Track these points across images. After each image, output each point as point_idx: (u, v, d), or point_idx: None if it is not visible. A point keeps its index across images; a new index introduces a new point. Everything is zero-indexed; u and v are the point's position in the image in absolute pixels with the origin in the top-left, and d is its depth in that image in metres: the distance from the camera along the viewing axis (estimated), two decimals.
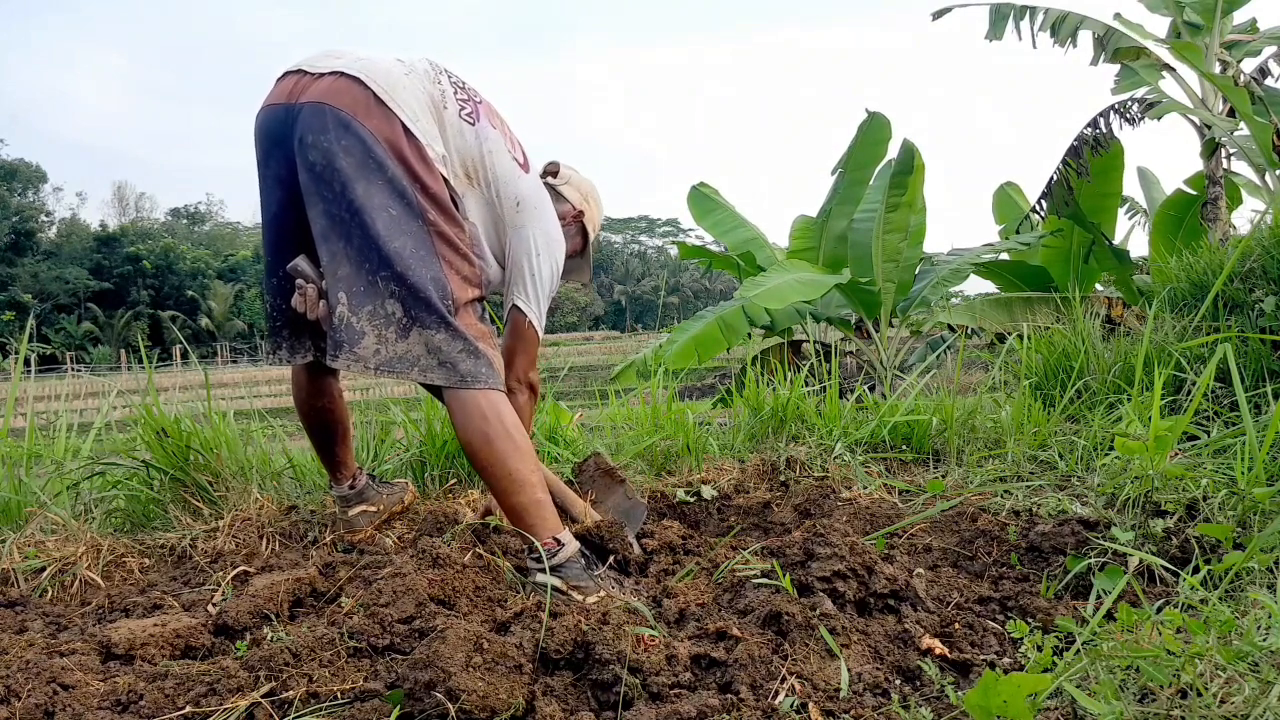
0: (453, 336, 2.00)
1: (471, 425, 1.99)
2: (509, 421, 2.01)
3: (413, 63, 2.13)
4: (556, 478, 2.42)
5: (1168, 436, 2.36)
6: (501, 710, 1.43)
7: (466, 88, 2.22)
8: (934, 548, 2.28)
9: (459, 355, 2.00)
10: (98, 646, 1.73)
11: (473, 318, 2.08)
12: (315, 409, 2.42)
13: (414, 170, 1.98)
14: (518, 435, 2.01)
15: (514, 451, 1.99)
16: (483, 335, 2.07)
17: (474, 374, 2.00)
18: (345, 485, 2.55)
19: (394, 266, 1.96)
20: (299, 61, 2.09)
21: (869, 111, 10.71)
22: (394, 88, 2.00)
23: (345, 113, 1.95)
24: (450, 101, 2.13)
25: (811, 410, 3.47)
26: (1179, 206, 9.85)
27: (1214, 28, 9.16)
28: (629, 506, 2.53)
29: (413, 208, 1.98)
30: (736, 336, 9.75)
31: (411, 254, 1.97)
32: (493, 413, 2.00)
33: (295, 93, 2.01)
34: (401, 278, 1.97)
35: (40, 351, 46.80)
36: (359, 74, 1.98)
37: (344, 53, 2.08)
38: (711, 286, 74.91)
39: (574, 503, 2.39)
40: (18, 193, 58.55)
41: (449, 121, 2.12)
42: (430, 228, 2.00)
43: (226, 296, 60.57)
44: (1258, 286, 3.39)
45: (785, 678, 1.54)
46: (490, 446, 1.98)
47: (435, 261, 2.00)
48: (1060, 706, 1.41)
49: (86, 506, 2.79)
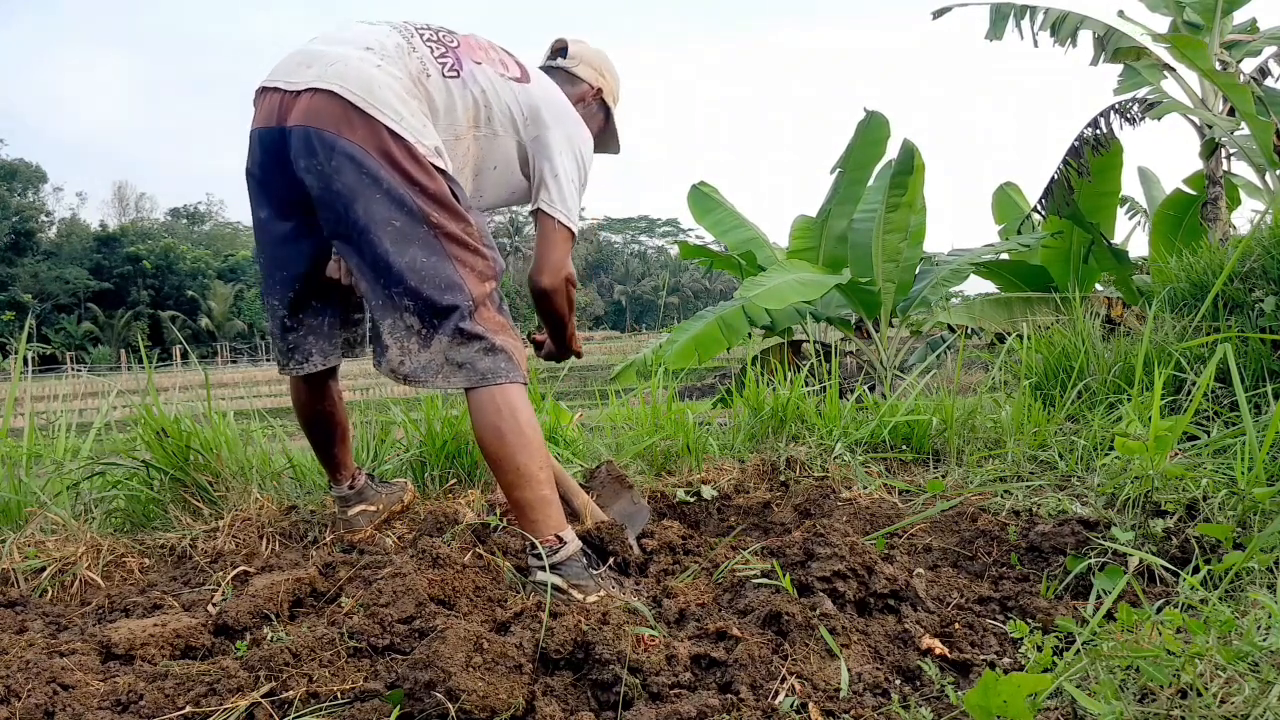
0: (470, 339, 2.00)
1: (485, 420, 2.00)
2: (523, 418, 2.01)
3: (383, 43, 2.07)
4: (565, 472, 2.41)
5: (1168, 436, 2.36)
6: (501, 710, 1.43)
7: (442, 37, 2.17)
8: (934, 548, 2.28)
9: (476, 355, 2.00)
10: (98, 646, 1.73)
11: (490, 311, 2.07)
12: (316, 411, 2.42)
13: (408, 173, 1.96)
14: (529, 431, 2.02)
15: (524, 447, 2.00)
16: (500, 328, 2.06)
17: (492, 370, 2.00)
18: (345, 485, 2.55)
19: (407, 281, 1.96)
20: (274, 74, 2.04)
21: (867, 111, 10.71)
22: (370, 89, 1.95)
23: (328, 133, 1.93)
24: (430, 65, 2.09)
25: (811, 410, 3.47)
26: (1179, 206, 9.85)
27: (1214, 28, 9.16)
28: (633, 511, 2.54)
29: (415, 214, 1.96)
30: (736, 336, 9.76)
31: (423, 264, 1.97)
32: (507, 408, 2.00)
33: (281, 115, 1.99)
34: (416, 291, 1.97)
35: (40, 351, 46.79)
36: (332, 87, 1.94)
37: (314, 58, 2.02)
38: (711, 286, 74.91)
39: (576, 494, 2.39)
40: (18, 193, 58.55)
41: (435, 90, 2.08)
42: (436, 230, 1.98)
43: (226, 296, 60.58)
44: (1258, 286, 3.39)
45: (785, 678, 1.54)
46: (501, 441, 1.99)
47: (447, 264, 1.99)
48: (1060, 706, 1.41)
49: (86, 506, 2.79)
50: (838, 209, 10.98)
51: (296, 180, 2.01)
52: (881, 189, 10.39)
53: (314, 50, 2.06)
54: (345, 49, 2.04)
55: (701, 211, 11.87)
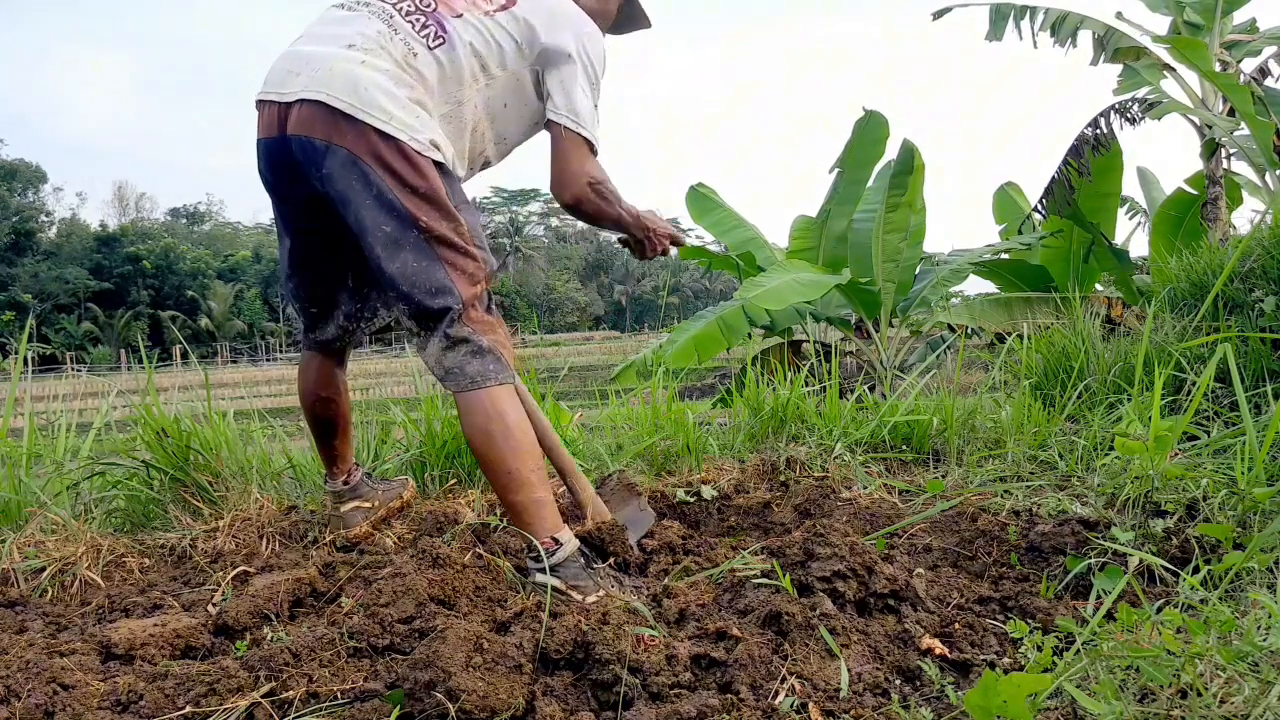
0: (457, 343, 2.01)
1: (474, 423, 2.00)
2: (511, 420, 2.01)
3: (364, 34, 2.05)
4: (574, 465, 2.39)
5: (1168, 436, 2.36)
6: (501, 710, 1.43)
7: (420, 4, 2.12)
8: (934, 548, 2.28)
9: (464, 359, 2.01)
10: (98, 646, 1.73)
11: (479, 312, 2.07)
12: (321, 399, 2.43)
13: (398, 174, 1.96)
14: (519, 434, 2.01)
15: (514, 451, 1.99)
16: (488, 328, 2.06)
17: (481, 374, 2.01)
18: (339, 480, 2.53)
19: (399, 287, 1.99)
20: (267, 85, 2.06)
21: (866, 110, 10.70)
22: (356, 92, 1.95)
23: (320, 141, 1.95)
24: (415, 43, 2.07)
25: (811, 410, 3.47)
26: (1179, 206, 9.86)
27: (1214, 28, 9.16)
28: (639, 517, 2.54)
29: (404, 218, 1.97)
30: (736, 336, 9.75)
31: (414, 269, 1.98)
32: (495, 411, 1.99)
33: (280, 124, 2.01)
34: (408, 296, 2.00)
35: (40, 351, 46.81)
36: (319, 96, 1.95)
37: (302, 63, 2.02)
38: (711, 286, 74.96)
39: (584, 488, 2.38)
40: (18, 193, 58.58)
41: (425, 67, 2.06)
42: (425, 234, 1.99)
43: (226, 296, 60.60)
44: (1258, 286, 3.39)
45: (785, 678, 1.54)
46: (491, 445, 1.99)
47: (437, 267, 2.00)
48: (1060, 706, 1.41)
49: (86, 506, 2.79)
50: (837, 209, 10.98)
51: (303, 181, 2.04)
52: (881, 189, 10.39)
53: (300, 54, 2.06)
54: (328, 49, 2.03)
55: (700, 212, 11.86)
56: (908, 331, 11.19)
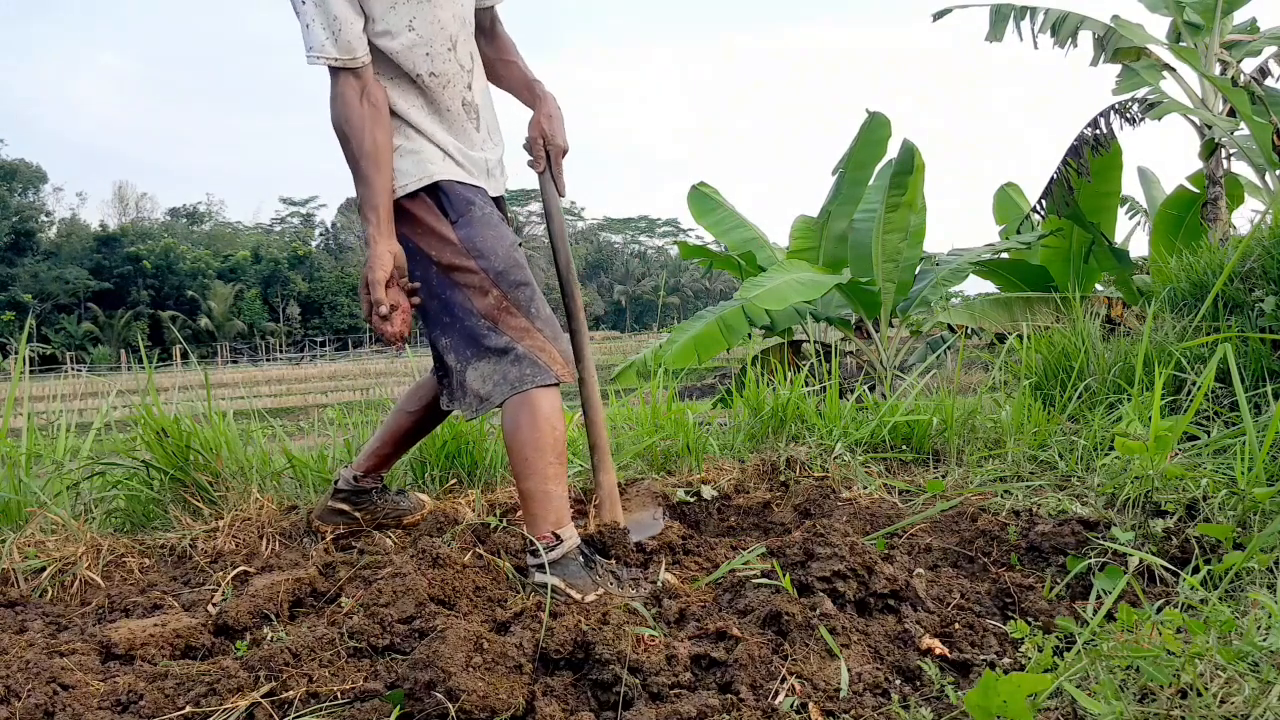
0: (496, 358, 2.09)
1: (508, 415, 2.11)
2: (541, 416, 2.08)
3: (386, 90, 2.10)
4: (610, 465, 2.40)
5: (1168, 436, 2.36)
6: (501, 710, 1.43)
7: None
8: (934, 548, 2.28)
9: (507, 367, 2.09)
10: (98, 646, 1.73)
11: (507, 317, 2.11)
12: (417, 407, 2.50)
13: (414, 217, 2.11)
14: (545, 428, 2.08)
15: (535, 442, 2.07)
16: (521, 333, 2.11)
17: (519, 378, 2.09)
18: (351, 476, 2.53)
19: (434, 328, 2.15)
20: None
21: (869, 111, 10.71)
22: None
23: None
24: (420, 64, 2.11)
25: (811, 410, 3.47)
26: (1179, 206, 9.85)
27: (1214, 28, 9.17)
28: (650, 523, 2.54)
29: (424, 260, 2.12)
30: (736, 336, 9.75)
31: (440, 306, 2.13)
32: (528, 408, 2.08)
33: None
34: (446, 329, 2.14)
35: (40, 351, 46.82)
36: None
37: None
38: (711, 286, 74.92)
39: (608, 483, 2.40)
40: (18, 193, 58.63)
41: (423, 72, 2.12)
42: (436, 266, 2.12)
43: (226, 296, 60.59)
44: (1258, 286, 3.39)
45: (785, 678, 1.54)
46: (517, 431, 2.08)
47: (456, 292, 2.11)
48: (1060, 706, 1.41)
49: (86, 506, 2.79)
50: (838, 209, 10.98)
51: None
52: (881, 189, 10.39)
53: None
54: None
55: (701, 212, 11.87)
56: (908, 331, 11.19)
